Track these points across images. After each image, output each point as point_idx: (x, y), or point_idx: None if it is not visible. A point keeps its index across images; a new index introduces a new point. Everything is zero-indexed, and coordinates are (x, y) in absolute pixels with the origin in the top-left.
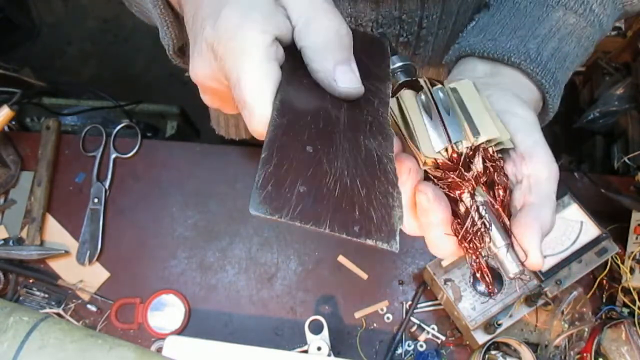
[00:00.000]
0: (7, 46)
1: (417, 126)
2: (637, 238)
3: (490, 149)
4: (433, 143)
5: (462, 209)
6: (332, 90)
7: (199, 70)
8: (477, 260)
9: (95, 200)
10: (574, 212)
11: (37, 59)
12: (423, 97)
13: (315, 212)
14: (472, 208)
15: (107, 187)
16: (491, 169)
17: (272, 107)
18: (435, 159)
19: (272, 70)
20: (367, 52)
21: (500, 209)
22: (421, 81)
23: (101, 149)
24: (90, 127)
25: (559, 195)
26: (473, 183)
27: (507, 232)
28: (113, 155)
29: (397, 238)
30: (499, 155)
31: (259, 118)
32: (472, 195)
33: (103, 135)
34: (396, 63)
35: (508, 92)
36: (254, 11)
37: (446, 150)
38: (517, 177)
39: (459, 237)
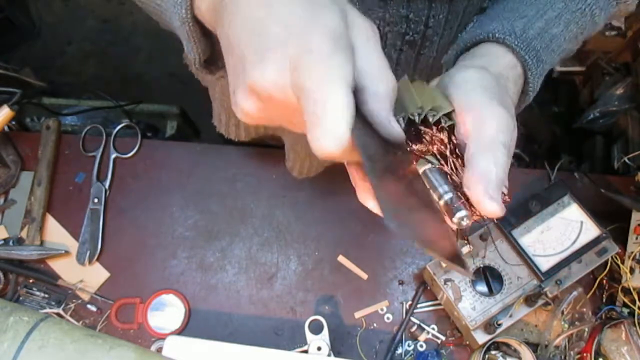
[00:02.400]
0: (7, 46)
1: None
2: (637, 238)
3: (430, 118)
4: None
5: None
6: (388, 131)
7: (271, 76)
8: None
9: (95, 200)
10: (574, 212)
11: (37, 59)
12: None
13: (413, 229)
14: (419, 171)
15: (107, 187)
16: (428, 137)
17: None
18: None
19: (352, 99)
20: None
21: (445, 167)
22: None
23: (101, 149)
24: (90, 127)
25: (559, 196)
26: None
27: (451, 185)
28: (113, 155)
29: (467, 265)
30: (449, 122)
31: (338, 136)
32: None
33: (103, 135)
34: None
35: (469, 63)
36: (340, 40)
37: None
38: (465, 137)
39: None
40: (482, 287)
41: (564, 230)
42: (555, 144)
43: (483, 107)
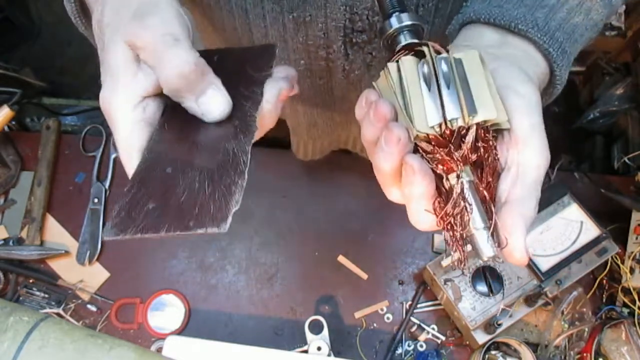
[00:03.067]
0: (7, 46)
1: (414, 98)
2: (637, 238)
3: (484, 129)
4: (428, 118)
5: (447, 186)
6: (203, 119)
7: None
8: (454, 238)
9: (95, 200)
10: (574, 212)
11: (37, 59)
12: (425, 67)
13: (157, 222)
14: (457, 187)
15: (107, 187)
16: (482, 150)
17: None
18: (427, 133)
19: (137, 134)
20: (254, 62)
21: (485, 191)
22: (425, 49)
23: (101, 149)
24: (90, 127)
25: (559, 196)
26: (461, 162)
27: (488, 215)
28: (113, 155)
29: (229, 220)
30: (494, 134)
31: (128, 173)
32: (458, 175)
33: (103, 135)
34: (404, 21)
35: (515, 67)
36: (117, 83)
37: (440, 126)
38: (508, 162)
39: (439, 216)
40: (482, 287)
41: (564, 230)
42: (555, 144)
43: (540, 146)
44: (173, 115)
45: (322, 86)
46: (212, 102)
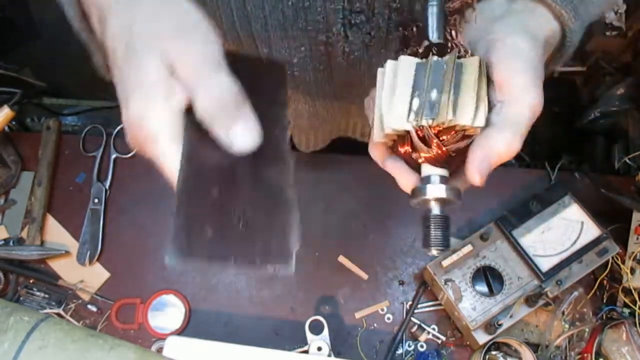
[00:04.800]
0: (7, 46)
1: (396, 96)
2: (637, 238)
3: (454, 130)
4: (400, 114)
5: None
6: (231, 150)
7: (132, 145)
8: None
9: (96, 200)
10: (575, 213)
11: (37, 59)
12: (423, 66)
13: (222, 252)
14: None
15: (107, 187)
16: (445, 150)
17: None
18: (395, 130)
19: (176, 149)
20: (267, 77)
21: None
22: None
23: (101, 149)
24: (91, 127)
25: (560, 196)
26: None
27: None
28: (113, 155)
29: (293, 260)
30: (467, 135)
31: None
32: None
33: (103, 135)
34: (442, 195)
35: (515, 23)
36: (152, 98)
37: (416, 122)
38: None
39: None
40: (483, 287)
41: (564, 231)
42: (555, 144)
43: (525, 89)
44: (196, 131)
45: (322, 72)
46: (243, 134)
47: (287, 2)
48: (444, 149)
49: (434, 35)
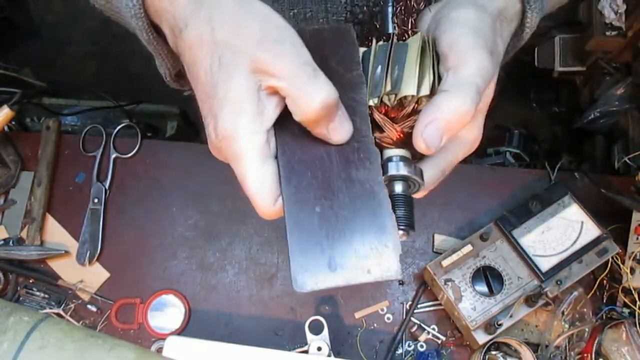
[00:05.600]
0: (7, 46)
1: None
2: (637, 238)
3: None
4: (369, 93)
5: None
6: (329, 142)
7: (214, 153)
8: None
9: (95, 200)
10: (575, 213)
11: (37, 59)
12: (367, 52)
13: (339, 271)
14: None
15: (107, 187)
16: (398, 129)
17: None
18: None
19: (268, 169)
20: (336, 51)
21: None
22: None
23: (101, 149)
24: (90, 127)
25: (560, 196)
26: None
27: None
28: (113, 155)
29: (399, 266)
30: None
31: (263, 212)
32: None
33: (103, 135)
34: (401, 171)
35: (464, 1)
36: (242, 116)
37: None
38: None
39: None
40: (483, 287)
41: (564, 231)
42: (555, 144)
43: (468, 51)
44: (289, 143)
45: None
46: (341, 127)
47: (289, 13)
48: (397, 128)
49: (393, 28)
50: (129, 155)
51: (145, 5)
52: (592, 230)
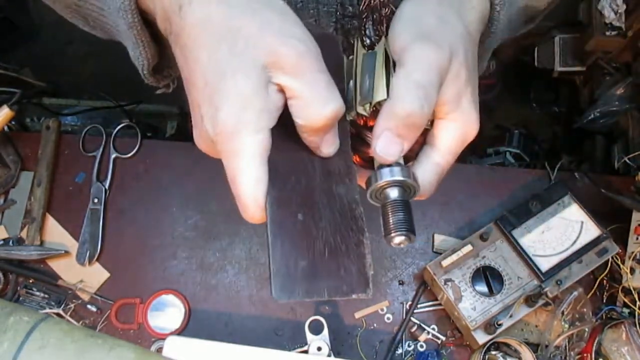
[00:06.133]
0: (7, 46)
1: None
2: (637, 238)
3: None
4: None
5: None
6: (316, 153)
7: (202, 146)
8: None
9: (95, 200)
10: (574, 212)
11: (37, 59)
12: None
13: (316, 285)
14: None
15: (107, 187)
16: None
17: (264, 200)
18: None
19: (264, 170)
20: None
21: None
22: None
23: (101, 149)
24: (90, 127)
25: (560, 196)
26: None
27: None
28: (113, 155)
29: (371, 285)
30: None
31: (252, 214)
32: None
33: (103, 135)
34: (395, 176)
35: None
36: (247, 111)
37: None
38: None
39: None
40: (482, 287)
41: (564, 231)
42: (555, 144)
43: (403, 50)
44: (276, 145)
45: None
46: (332, 140)
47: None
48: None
49: (364, 39)
50: (129, 155)
51: None
52: (592, 230)
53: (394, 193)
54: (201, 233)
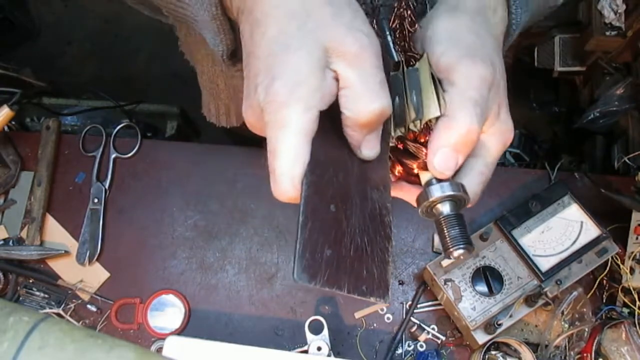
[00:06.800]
0: (7, 46)
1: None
2: (637, 238)
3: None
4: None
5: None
6: (355, 152)
7: (249, 117)
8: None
9: (95, 200)
10: (574, 212)
11: (37, 59)
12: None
13: (338, 277)
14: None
15: (107, 187)
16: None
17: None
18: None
19: (307, 150)
20: None
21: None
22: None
23: (101, 149)
24: (90, 127)
25: (559, 196)
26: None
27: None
28: (113, 155)
29: (390, 292)
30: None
31: (283, 191)
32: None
33: (103, 135)
34: (446, 192)
35: (437, 8)
36: (301, 87)
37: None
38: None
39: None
40: (482, 287)
41: (564, 231)
42: (555, 144)
43: (451, 69)
44: (320, 135)
45: None
46: (374, 143)
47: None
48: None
49: (393, 56)
50: (129, 155)
51: None
52: (591, 230)
53: (446, 208)
54: (201, 233)
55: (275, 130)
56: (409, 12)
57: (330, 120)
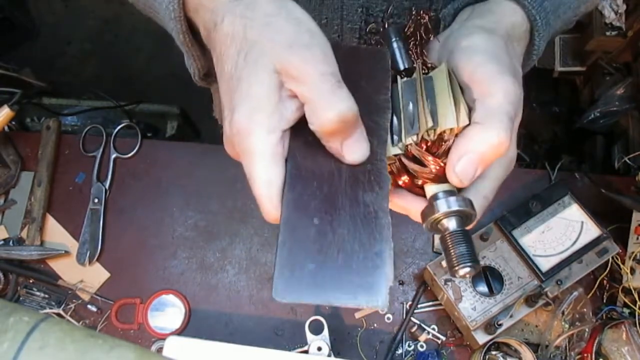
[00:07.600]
0: (7, 46)
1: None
2: (637, 238)
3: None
4: (389, 144)
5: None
6: (341, 160)
7: (229, 151)
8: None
9: (96, 200)
10: (575, 213)
11: (37, 59)
12: (395, 90)
13: (323, 290)
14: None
15: (107, 187)
16: (441, 164)
17: (280, 198)
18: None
19: (278, 170)
20: (368, 72)
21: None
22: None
23: (101, 149)
24: (90, 127)
25: (560, 196)
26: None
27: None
28: (113, 155)
29: (387, 298)
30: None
31: (267, 213)
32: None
33: (103, 135)
34: (452, 207)
35: (470, 25)
36: (258, 113)
37: (401, 143)
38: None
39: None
40: (483, 287)
41: (564, 231)
42: (555, 144)
43: (491, 80)
44: (301, 150)
45: None
46: (356, 147)
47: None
48: (440, 162)
49: (403, 64)
50: (129, 155)
51: (185, 3)
52: (592, 230)
53: (452, 224)
54: (201, 233)
55: (245, 159)
56: (426, 18)
57: (312, 135)
